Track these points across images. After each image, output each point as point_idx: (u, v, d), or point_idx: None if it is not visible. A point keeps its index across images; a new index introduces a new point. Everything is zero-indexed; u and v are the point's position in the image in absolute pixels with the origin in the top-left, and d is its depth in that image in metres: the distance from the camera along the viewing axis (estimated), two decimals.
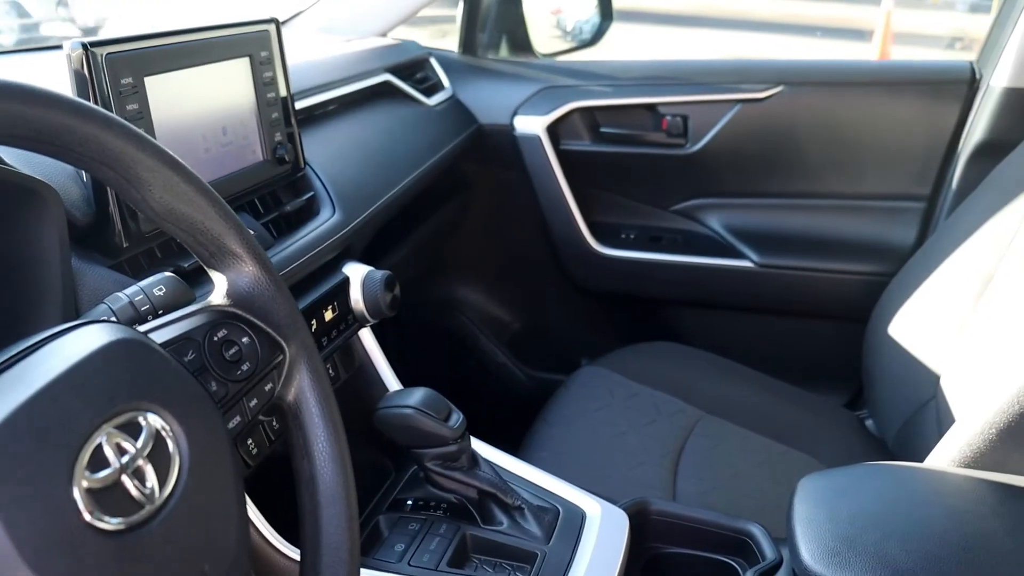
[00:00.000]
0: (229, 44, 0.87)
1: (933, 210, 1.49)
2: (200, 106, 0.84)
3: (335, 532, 0.59)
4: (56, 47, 0.73)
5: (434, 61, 1.58)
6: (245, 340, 0.58)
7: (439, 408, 0.90)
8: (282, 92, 0.95)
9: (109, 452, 0.43)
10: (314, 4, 1.53)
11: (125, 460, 0.43)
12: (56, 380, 0.43)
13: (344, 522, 0.59)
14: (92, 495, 0.41)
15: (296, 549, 0.81)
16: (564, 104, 1.57)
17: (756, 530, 0.93)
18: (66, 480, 0.41)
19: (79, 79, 0.71)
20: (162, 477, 0.45)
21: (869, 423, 1.37)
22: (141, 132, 0.51)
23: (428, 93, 1.48)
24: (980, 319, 1.10)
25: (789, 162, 1.55)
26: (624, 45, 1.83)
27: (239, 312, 0.58)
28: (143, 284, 0.63)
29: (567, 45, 1.86)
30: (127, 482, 0.43)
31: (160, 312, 0.61)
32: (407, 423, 0.88)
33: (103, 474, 0.42)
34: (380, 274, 0.97)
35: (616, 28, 1.83)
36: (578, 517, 0.92)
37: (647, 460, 1.18)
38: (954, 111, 1.43)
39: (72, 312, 0.66)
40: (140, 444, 0.44)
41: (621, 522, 0.92)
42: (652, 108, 1.57)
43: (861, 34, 7.27)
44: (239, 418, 0.57)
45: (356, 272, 0.97)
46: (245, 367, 0.57)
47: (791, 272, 1.56)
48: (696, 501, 1.09)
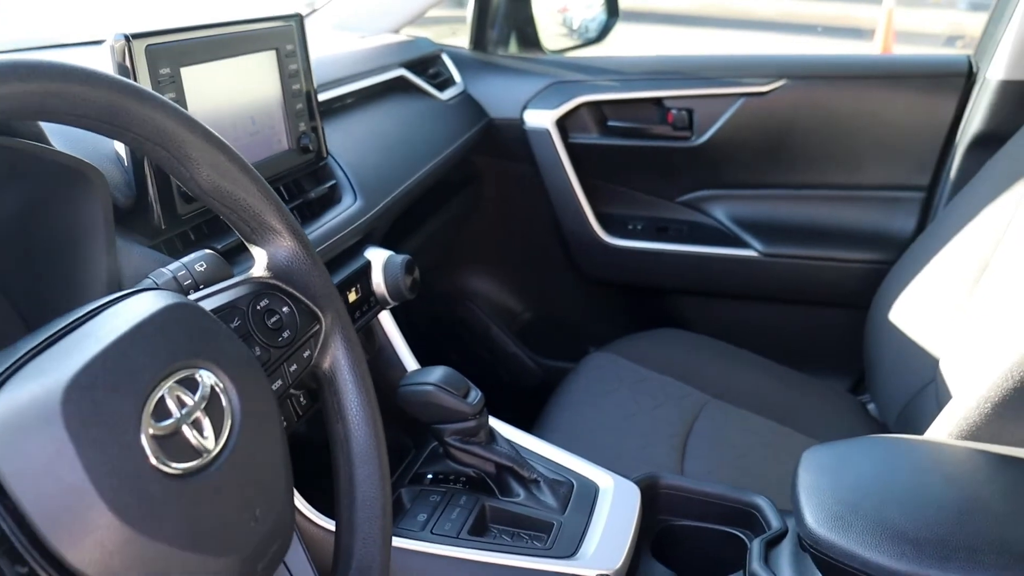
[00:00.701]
0: (257, 37, 0.91)
1: (932, 200, 1.52)
2: (231, 96, 0.88)
3: (369, 489, 0.63)
4: (97, 42, 0.77)
5: (446, 57, 1.62)
6: (285, 309, 0.62)
7: (458, 385, 0.94)
8: (305, 84, 0.99)
9: (171, 404, 0.47)
10: (327, 3, 1.57)
11: (184, 411, 0.47)
12: (122, 337, 0.47)
13: (377, 480, 0.63)
14: (157, 441, 0.45)
15: (329, 520, 0.84)
16: (572, 99, 1.60)
17: (762, 502, 0.97)
18: (135, 427, 0.45)
19: (121, 69, 0.75)
20: (217, 429, 0.49)
21: (871, 407, 1.40)
22: (191, 115, 0.55)
23: (441, 88, 1.52)
24: (977, 304, 1.13)
25: (792, 154, 1.58)
26: (627, 45, 1.86)
27: (279, 284, 0.63)
28: (185, 260, 0.67)
29: (574, 42, 1.90)
30: (187, 432, 0.47)
31: (201, 286, 0.65)
32: (428, 400, 0.92)
33: (166, 423, 0.46)
34: (400, 258, 1.01)
35: (618, 28, 1.87)
36: (591, 490, 0.96)
37: (655, 441, 1.21)
38: (952, 103, 1.46)
39: (116, 286, 0.70)
40: (197, 398, 0.48)
41: (633, 494, 0.96)
42: (658, 102, 1.60)
43: (863, 33, 7.30)
44: (280, 382, 0.61)
45: (377, 256, 1.01)
46: (285, 334, 0.61)
47: (794, 261, 1.59)
48: (704, 478, 1.13)
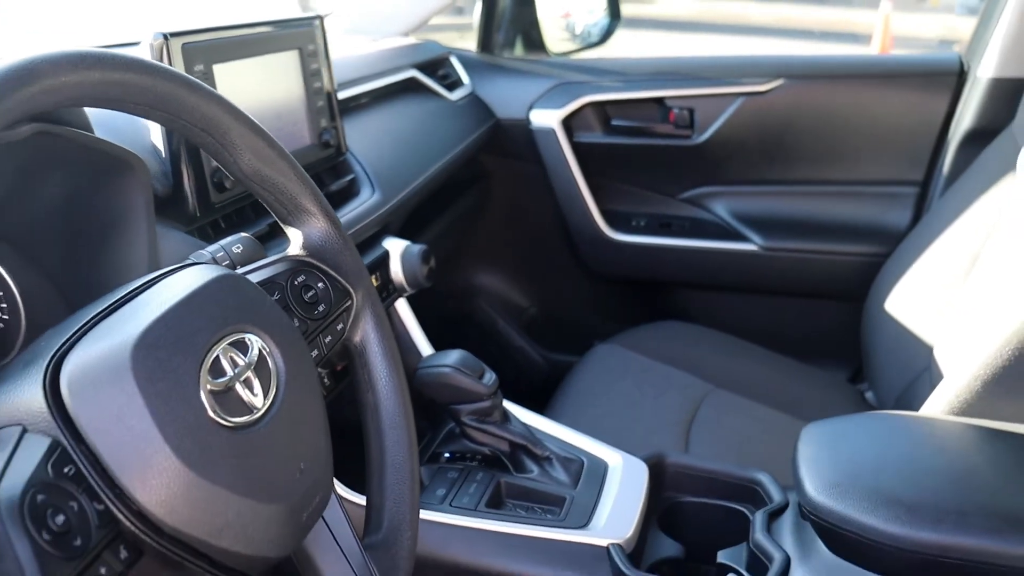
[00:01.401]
0: (282, 37, 0.96)
1: (925, 194, 1.56)
2: (258, 92, 0.93)
3: (398, 453, 0.68)
4: (133, 43, 0.82)
5: (454, 59, 1.67)
6: (320, 285, 0.66)
7: (474, 367, 0.98)
8: (326, 82, 1.03)
9: (224, 363, 0.51)
10: (340, 7, 1.63)
11: (237, 371, 0.51)
12: (180, 303, 0.51)
13: (406, 445, 0.68)
14: (214, 396, 0.49)
15: (357, 494, 0.89)
16: (577, 99, 1.65)
17: (764, 478, 1.01)
18: (195, 382, 0.49)
19: None
20: (265, 388, 0.53)
21: (869, 395, 1.44)
22: (235, 105, 0.60)
23: (450, 89, 1.56)
24: (969, 293, 1.17)
25: (790, 151, 1.63)
26: (626, 51, 1.91)
27: (314, 262, 0.67)
28: (222, 243, 0.71)
29: (577, 46, 1.95)
30: (239, 389, 0.51)
31: (237, 267, 0.69)
32: (445, 381, 0.97)
33: (221, 380, 0.50)
34: (417, 248, 1.05)
35: (617, 34, 1.91)
36: (601, 467, 1.00)
37: (660, 428, 1.25)
38: (944, 101, 1.51)
39: (156, 268, 0.74)
40: (248, 359, 0.52)
41: (641, 471, 1.00)
42: (660, 102, 1.65)
43: (860, 38, 7.36)
44: (316, 352, 0.66)
45: (395, 246, 1.06)
46: (321, 308, 0.66)
47: (793, 254, 1.64)
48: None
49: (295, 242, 0.67)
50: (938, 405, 0.96)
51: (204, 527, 0.47)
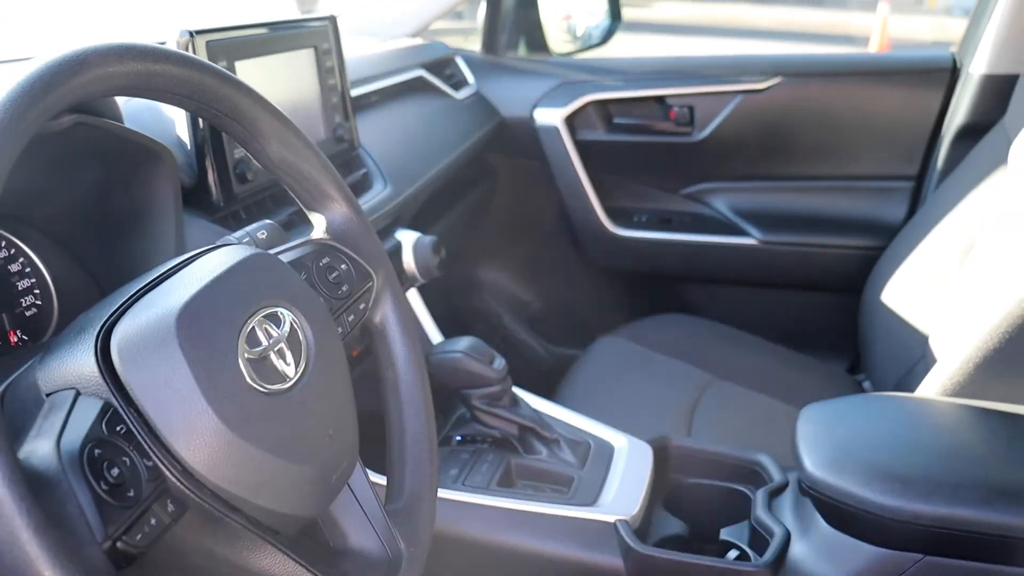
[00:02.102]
0: (298, 36, 1.00)
1: (920, 188, 1.60)
2: (276, 88, 0.97)
3: (417, 424, 0.71)
4: (161, 43, 0.85)
5: (460, 60, 1.71)
6: (343, 267, 0.70)
7: (484, 353, 1.02)
8: (340, 79, 1.07)
9: (260, 334, 0.54)
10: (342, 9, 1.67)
11: (271, 341, 0.55)
12: (219, 278, 0.55)
13: (424, 417, 0.71)
14: (251, 364, 0.53)
15: (378, 474, 0.92)
16: (580, 97, 1.69)
17: (765, 459, 1.04)
18: (233, 350, 0.52)
19: None
20: (296, 358, 0.56)
21: (866, 385, 1.48)
22: (264, 96, 0.64)
23: (455, 88, 1.60)
24: (963, 283, 1.21)
25: (788, 147, 1.67)
26: (625, 54, 1.95)
27: (337, 245, 0.71)
28: (248, 229, 0.75)
29: (579, 47, 1.99)
30: (273, 359, 0.55)
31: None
32: (457, 366, 1.01)
33: (257, 349, 0.54)
34: (429, 239, 1.09)
35: (617, 38, 1.95)
36: (608, 449, 1.04)
37: (663, 415, 1.29)
38: (937, 97, 1.55)
39: (183, 253, 0.78)
40: (281, 331, 0.56)
41: (646, 452, 1.03)
42: (661, 100, 1.68)
43: (858, 40, 7.41)
44: (340, 329, 0.69)
45: (407, 238, 1.10)
46: (344, 288, 0.69)
47: (791, 248, 1.67)
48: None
49: (318, 227, 0.71)
50: (932, 387, 1.00)
51: (243, 485, 0.50)
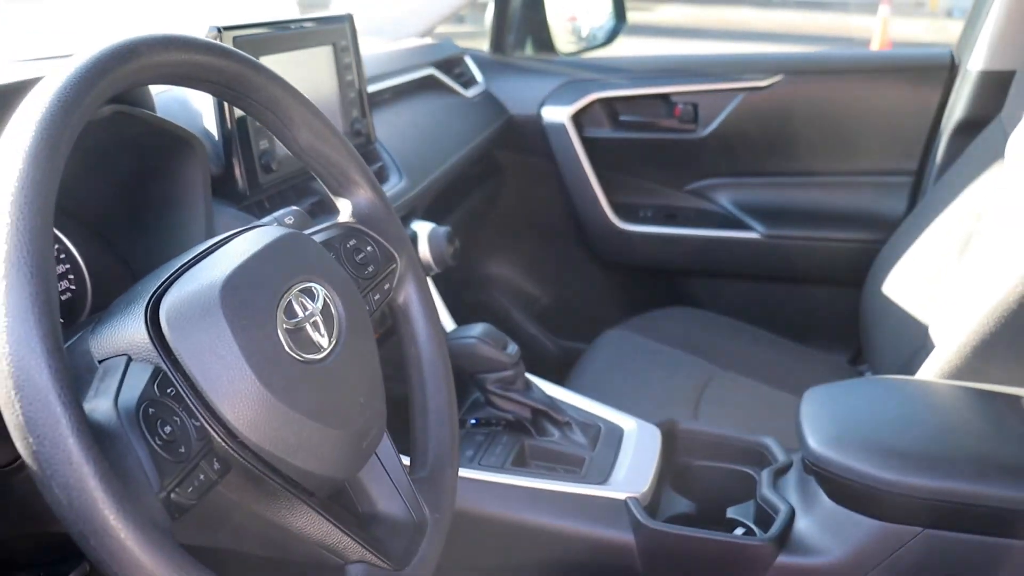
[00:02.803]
0: (318, 33, 1.04)
1: (920, 182, 1.63)
2: (297, 83, 0.99)
3: (438, 398, 0.75)
4: None
5: (468, 59, 1.75)
6: (368, 249, 0.73)
7: (497, 339, 1.05)
8: (357, 76, 1.11)
9: (296, 307, 0.58)
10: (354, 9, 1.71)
11: (307, 313, 0.58)
12: (257, 254, 0.59)
13: (445, 391, 0.75)
14: (289, 334, 0.56)
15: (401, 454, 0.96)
16: (586, 96, 1.72)
17: (770, 441, 1.07)
18: (273, 320, 0.56)
19: None
20: (329, 330, 0.60)
21: (868, 375, 1.51)
22: (294, 87, 0.67)
23: (465, 87, 1.64)
24: (962, 274, 1.24)
25: (790, 143, 1.70)
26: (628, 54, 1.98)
27: (363, 228, 0.74)
28: (275, 214, 0.78)
29: (584, 47, 2.02)
30: (309, 330, 0.58)
31: None
32: (472, 351, 1.04)
33: (294, 320, 0.57)
34: (443, 229, 1.13)
35: (620, 41, 1.99)
36: (617, 431, 1.07)
37: (669, 404, 1.31)
38: (936, 93, 1.58)
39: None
40: (315, 305, 0.60)
41: (654, 435, 1.07)
42: (665, 97, 1.72)
43: (858, 42, 7.45)
44: (367, 307, 0.73)
45: (422, 228, 1.13)
46: (370, 268, 0.73)
47: (794, 241, 1.71)
48: None
49: (345, 211, 0.74)
50: (931, 371, 1.03)
51: (282, 446, 0.54)
